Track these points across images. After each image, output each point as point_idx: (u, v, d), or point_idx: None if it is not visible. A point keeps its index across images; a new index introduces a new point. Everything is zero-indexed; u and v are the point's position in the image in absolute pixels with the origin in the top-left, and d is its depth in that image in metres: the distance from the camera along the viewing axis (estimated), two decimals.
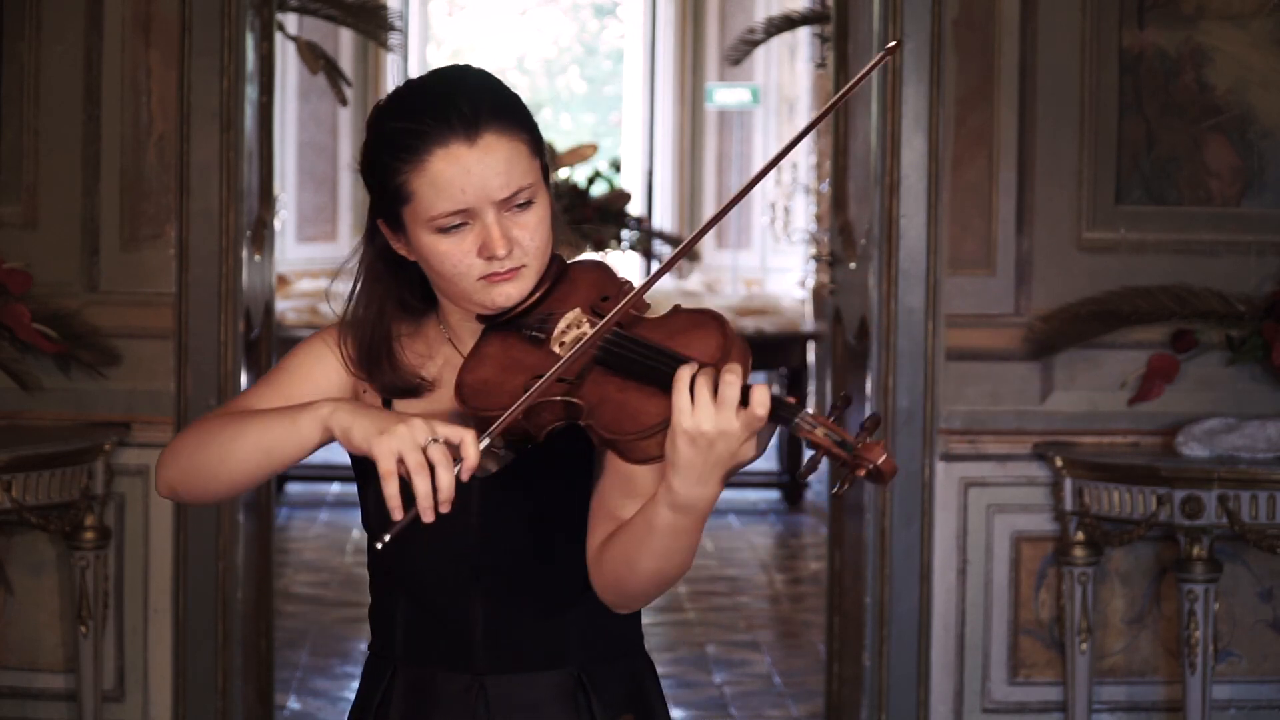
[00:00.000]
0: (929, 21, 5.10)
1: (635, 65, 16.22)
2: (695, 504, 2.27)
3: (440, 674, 2.51)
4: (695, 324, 2.33)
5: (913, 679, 5.18)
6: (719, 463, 2.24)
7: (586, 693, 2.51)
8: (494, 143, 2.39)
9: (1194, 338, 5.12)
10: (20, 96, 5.10)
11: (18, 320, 5.02)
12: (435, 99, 2.41)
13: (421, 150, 2.38)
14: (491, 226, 2.39)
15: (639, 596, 2.41)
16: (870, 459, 2.18)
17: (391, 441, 2.25)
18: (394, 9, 11.81)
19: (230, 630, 5.20)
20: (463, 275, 2.41)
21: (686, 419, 2.21)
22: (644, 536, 2.33)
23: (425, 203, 2.39)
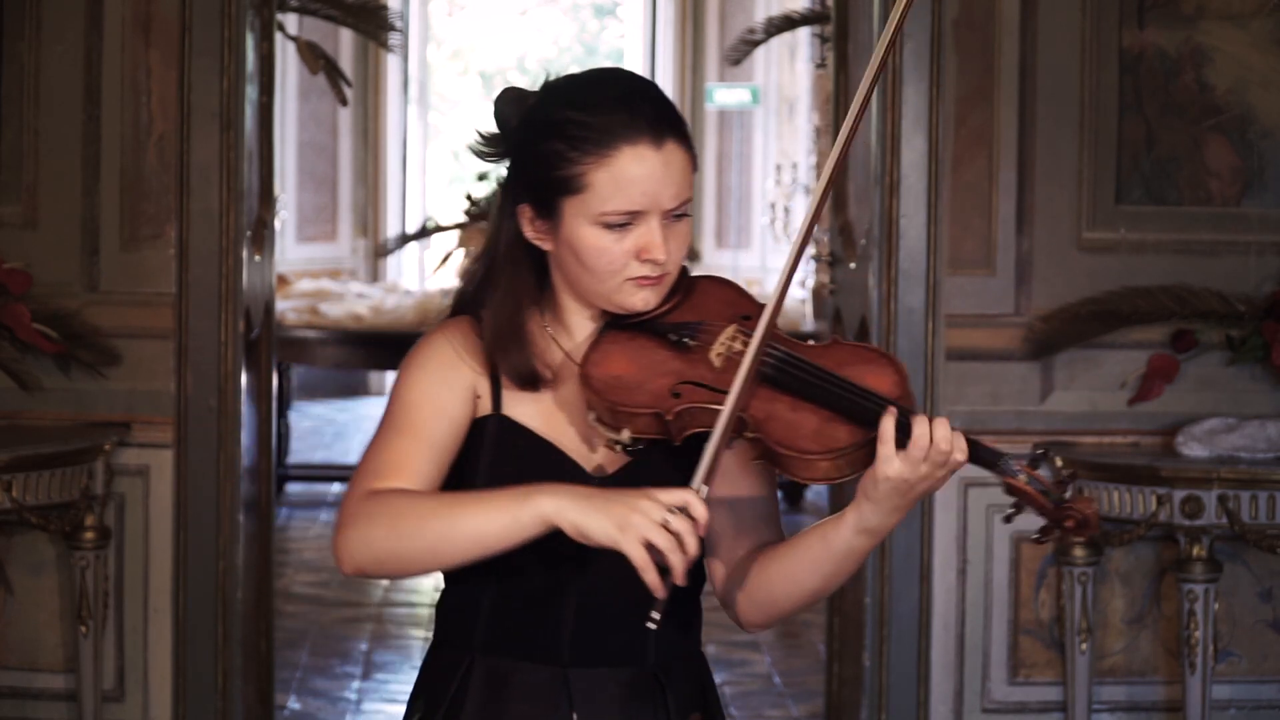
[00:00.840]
0: (929, 21, 5.10)
1: (635, 65, 16.22)
2: (883, 531, 2.42)
3: (523, 666, 2.53)
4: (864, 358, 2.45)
5: (913, 679, 5.18)
6: (914, 497, 2.39)
7: (663, 690, 2.56)
8: (674, 151, 2.45)
9: (1194, 338, 5.12)
10: (20, 96, 5.09)
11: (18, 320, 5.02)
12: (623, 97, 2.45)
13: (609, 145, 2.42)
14: (655, 231, 2.44)
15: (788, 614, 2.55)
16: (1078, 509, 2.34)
17: (636, 533, 2.29)
18: (394, 9, 11.82)
19: (230, 630, 5.20)
20: (614, 273, 2.45)
21: (893, 466, 2.36)
22: (818, 558, 2.45)
23: (601, 197, 2.42)
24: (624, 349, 2.46)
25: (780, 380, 2.40)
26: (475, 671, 2.54)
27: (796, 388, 2.39)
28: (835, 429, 2.37)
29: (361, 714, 6.26)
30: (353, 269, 13.28)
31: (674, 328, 2.47)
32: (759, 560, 2.50)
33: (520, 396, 2.51)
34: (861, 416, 2.37)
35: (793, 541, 2.48)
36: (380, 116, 13.75)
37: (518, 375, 2.49)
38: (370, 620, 7.40)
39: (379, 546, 2.39)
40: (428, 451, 2.46)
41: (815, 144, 12.46)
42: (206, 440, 5.14)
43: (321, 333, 9.79)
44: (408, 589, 7.94)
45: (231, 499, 5.18)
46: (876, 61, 2.51)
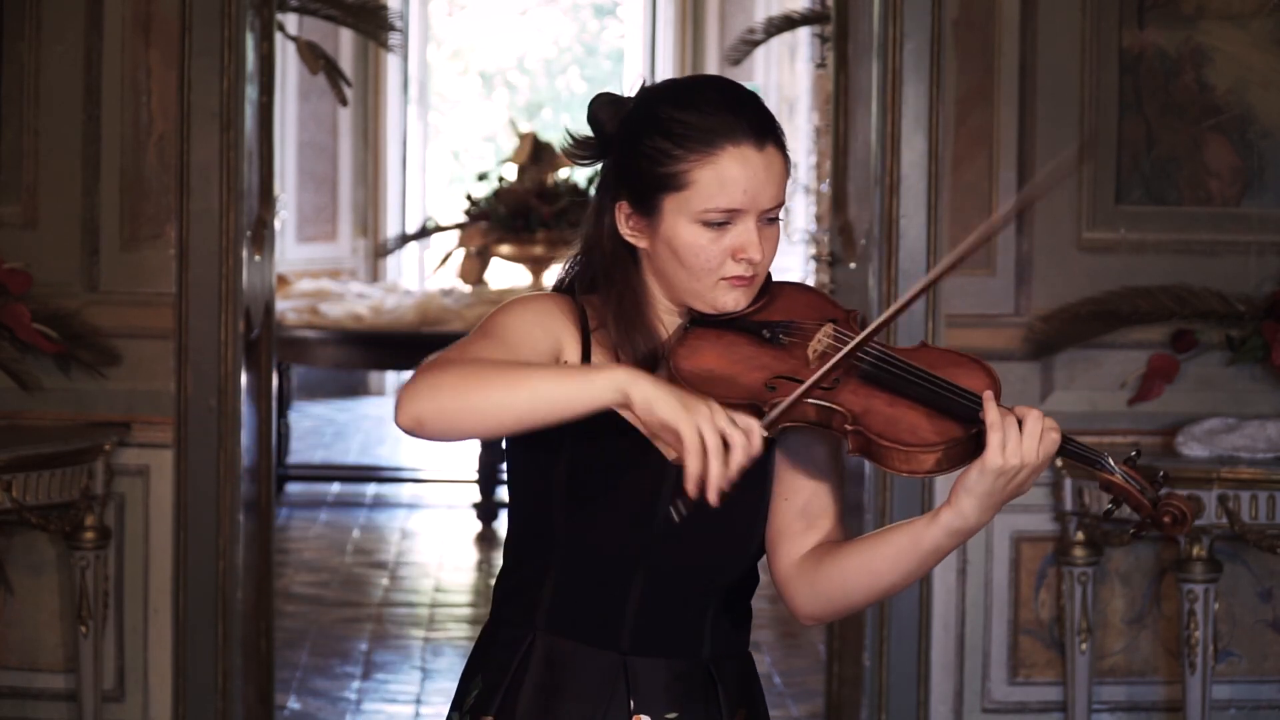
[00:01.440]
0: (929, 21, 5.10)
1: (635, 65, 16.21)
2: (974, 529, 2.48)
3: (582, 649, 2.56)
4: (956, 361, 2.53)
5: (913, 679, 5.18)
6: (1010, 491, 2.46)
7: (715, 684, 2.59)
8: (775, 155, 2.51)
9: (1194, 338, 5.12)
10: (20, 96, 5.10)
11: (18, 320, 5.02)
12: (727, 100, 2.51)
13: (715, 144, 2.47)
14: (752, 231, 2.49)
15: (853, 608, 2.57)
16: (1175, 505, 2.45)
17: (698, 420, 2.30)
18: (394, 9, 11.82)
19: (230, 630, 5.20)
20: (709, 271, 2.50)
21: (998, 455, 2.43)
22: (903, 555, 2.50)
23: (704, 194, 2.47)
24: (713, 345, 2.52)
25: (877, 376, 2.48)
26: (536, 648, 2.57)
27: (893, 384, 2.47)
28: (934, 423, 2.45)
29: (361, 714, 6.26)
30: (353, 269, 13.28)
31: (765, 325, 2.53)
32: (833, 553, 2.54)
33: None
34: (959, 412, 2.46)
35: (875, 537, 2.53)
36: (380, 116, 13.75)
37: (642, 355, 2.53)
38: (370, 620, 7.40)
39: (446, 394, 2.36)
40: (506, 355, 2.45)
41: (815, 144, 12.47)
42: (206, 440, 5.14)
43: (321, 333, 9.78)
44: (409, 589, 7.94)
45: (231, 499, 5.18)
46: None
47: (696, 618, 2.58)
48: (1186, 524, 2.45)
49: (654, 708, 2.56)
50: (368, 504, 9.85)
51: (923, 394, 2.47)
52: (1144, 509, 2.48)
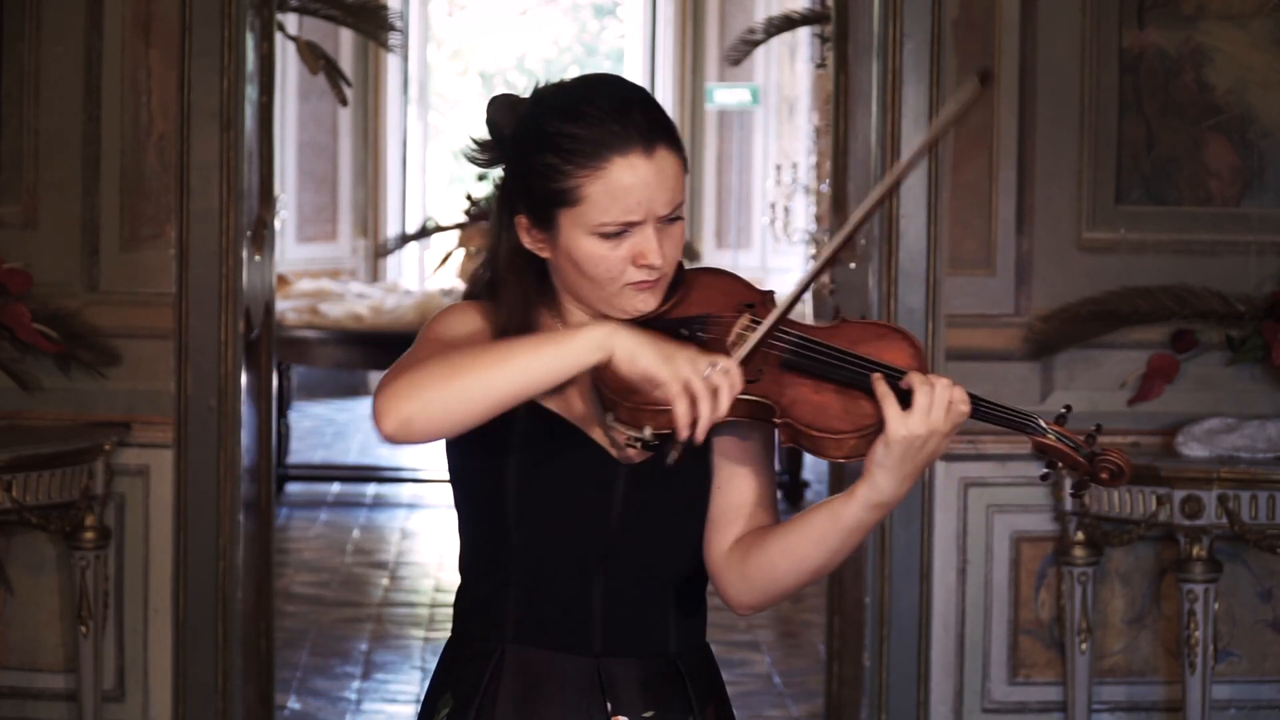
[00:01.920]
0: (929, 21, 5.10)
1: (635, 65, 16.21)
2: (892, 501, 2.44)
3: (554, 656, 2.55)
4: (878, 335, 2.49)
5: (913, 679, 5.18)
6: (923, 461, 2.42)
7: (683, 678, 2.59)
8: (666, 157, 2.48)
9: (1194, 338, 5.12)
10: (20, 96, 5.10)
11: (18, 320, 5.02)
12: (613, 108, 2.48)
13: (602, 157, 2.45)
14: (650, 238, 2.47)
15: (784, 593, 2.54)
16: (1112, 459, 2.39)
17: (681, 367, 2.33)
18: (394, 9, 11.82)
19: (230, 630, 5.20)
20: (612, 280, 2.48)
21: (900, 425, 2.39)
22: (825, 533, 2.46)
23: (597, 209, 2.45)
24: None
25: (798, 363, 2.45)
26: (508, 661, 2.56)
27: (815, 369, 2.45)
28: (861, 405, 2.42)
29: (361, 714, 6.26)
30: (353, 269, 13.29)
31: (682, 323, 2.51)
32: (759, 540, 2.52)
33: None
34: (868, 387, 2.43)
35: (796, 519, 2.50)
36: (380, 116, 13.75)
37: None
38: (370, 620, 7.40)
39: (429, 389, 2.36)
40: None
41: (815, 144, 12.46)
42: (206, 440, 5.14)
43: (321, 333, 9.79)
44: (409, 589, 7.94)
45: (231, 499, 5.18)
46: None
47: (661, 614, 2.58)
48: (1124, 477, 2.39)
49: (631, 708, 2.55)
50: (368, 504, 9.85)
51: (847, 376, 2.44)
52: (1081, 467, 2.42)
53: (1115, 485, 2.42)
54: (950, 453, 5.14)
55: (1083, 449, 2.40)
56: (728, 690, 2.68)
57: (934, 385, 2.40)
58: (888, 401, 2.39)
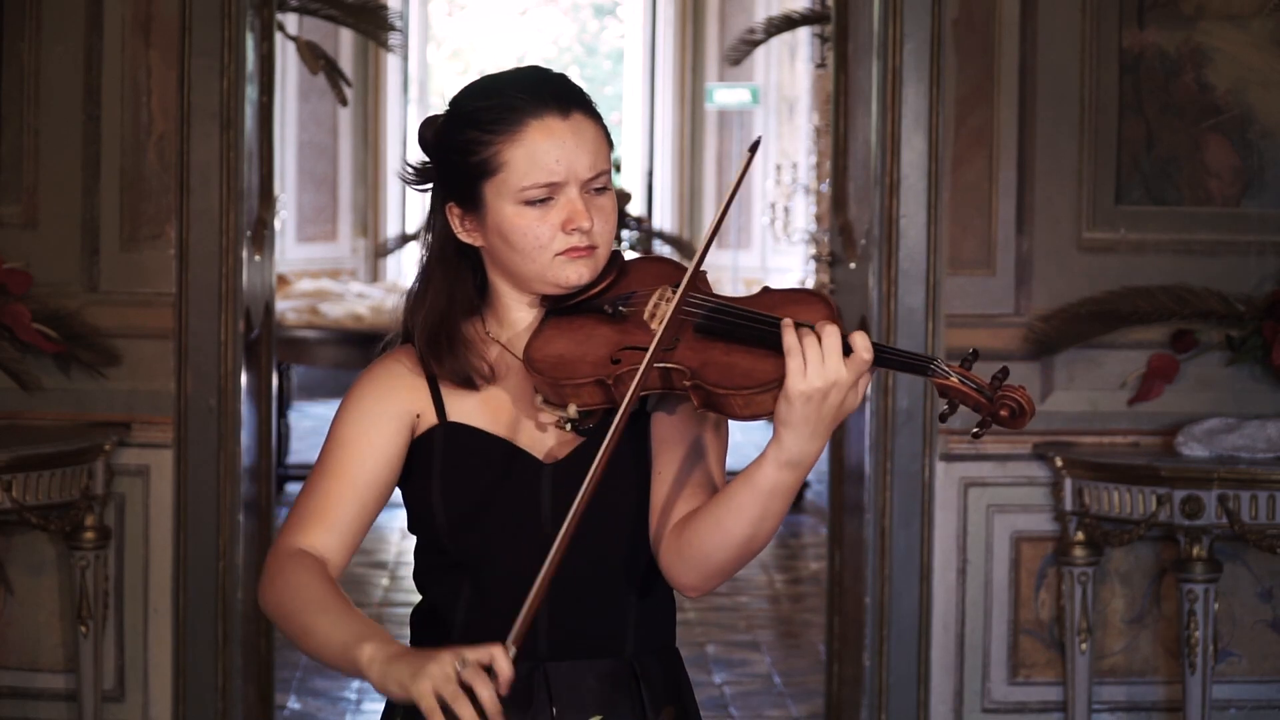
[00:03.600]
0: (929, 21, 5.10)
1: (635, 65, 16.22)
2: (804, 459, 2.37)
3: None
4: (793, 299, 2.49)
5: (913, 679, 5.18)
6: (829, 415, 2.36)
7: (638, 682, 2.58)
8: (583, 121, 2.51)
9: (1194, 338, 5.12)
10: (20, 96, 5.10)
11: (18, 320, 5.02)
12: (525, 80, 2.53)
13: (517, 122, 2.49)
14: (576, 200, 2.49)
15: (722, 569, 2.47)
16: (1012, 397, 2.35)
17: (426, 682, 2.30)
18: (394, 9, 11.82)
19: (230, 630, 5.20)
20: (543, 248, 2.49)
21: (799, 378, 2.34)
22: (744, 500, 2.41)
23: (518, 173, 2.48)
24: (564, 330, 2.51)
25: (710, 327, 2.46)
26: None
27: (727, 332, 2.45)
28: (768, 364, 2.41)
29: (361, 714, 6.26)
30: (353, 269, 13.29)
31: (609, 301, 2.53)
32: (691, 516, 2.49)
33: (464, 399, 2.55)
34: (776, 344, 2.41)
35: (722, 492, 2.47)
36: (380, 116, 13.76)
37: (454, 375, 2.54)
38: None
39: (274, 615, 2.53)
40: (352, 494, 2.54)
41: (815, 144, 12.46)
42: (206, 440, 5.15)
43: (321, 333, 9.78)
44: (408, 589, 7.94)
45: (231, 499, 5.18)
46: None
47: (615, 615, 2.56)
48: (1025, 415, 2.34)
49: (576, 712, 2.54)
50: None
51: (755, 336, 2.43)
52: (983, 407, 2.37)
53: (1017, 425, 2.36)
54: (950, 453, 5.14)
55: (985, 390, 2.36)
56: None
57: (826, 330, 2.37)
58: (791, 354, 2.35)
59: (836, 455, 5.85)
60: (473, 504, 2.53)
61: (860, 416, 5.40)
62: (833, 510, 5.88)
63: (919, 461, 5.15)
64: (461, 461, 2.53)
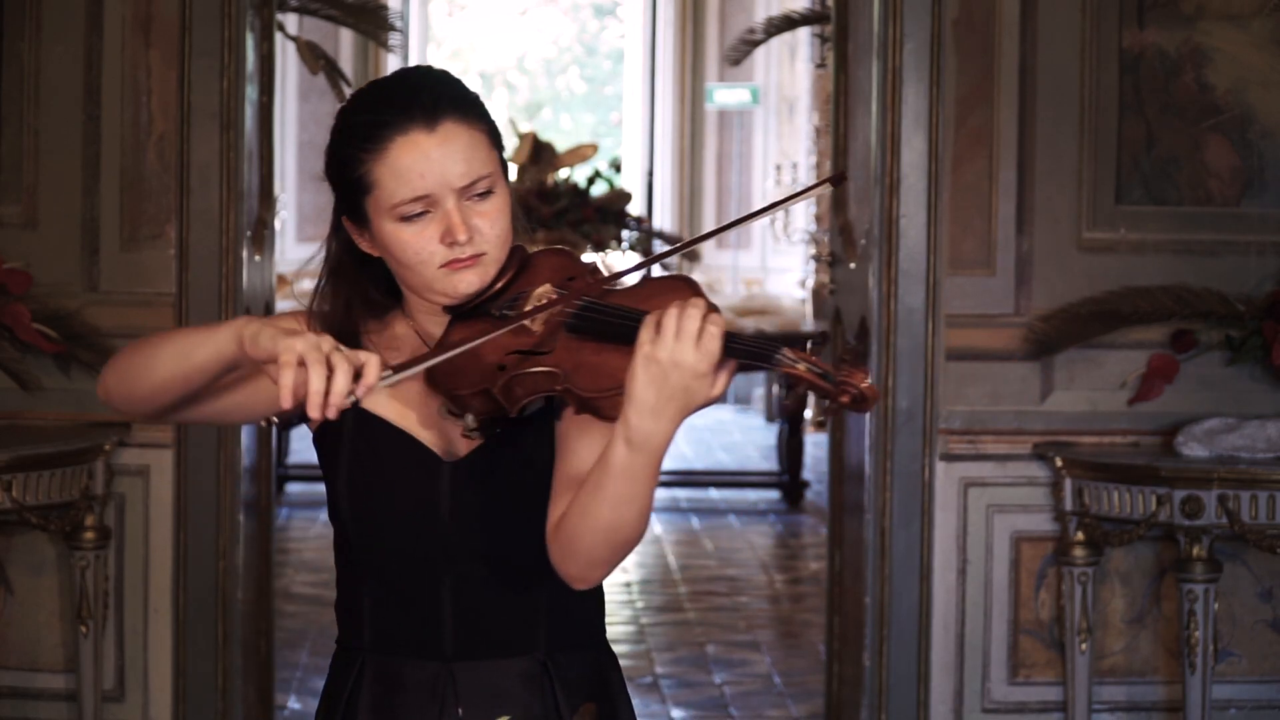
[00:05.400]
0: (929, 21, 5.10)
1: (635, 65, 16.22)
2: (648, 439, 2.31)
3: (408, 663, 2.54)
4: (666, 288, 2.42)
5: (913, 679, 5.18)
6: (673, 396, 2.28)
7: (551, 679, 2.55)
8: (453, 131, 2.45)
9: (1194, 338, 5.12)
10: (20, 96, 5.10)
11: (18, 320, 5.03)
12: (396, 92, 2.48)
13: (383, 139, 2.44)
14: (452, 213, 2.44)
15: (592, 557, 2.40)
16: (853, 384, 2.26)
17: (297, 341, 2.29)
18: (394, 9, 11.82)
19: (230, 630, 5.20)
20: (425, 263, 2.46)
21: (645, 347, 2.28)
22: (600, 481, 2.35)
23: (387, 190, 2.45)
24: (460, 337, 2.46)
25: (580, 327, 2.40)
26: (367, 671, 2.58)
27: (596, 330, 2.39)
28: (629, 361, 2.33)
29: None
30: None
31: (498, 305, 2.48)
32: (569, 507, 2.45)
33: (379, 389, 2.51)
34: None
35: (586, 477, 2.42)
36: None
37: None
38: None
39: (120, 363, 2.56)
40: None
41: (815, 144, 12.46)
42: (206, 440, 5.15)
43: None
44: None
45: (231, 499, 5.18)
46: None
47: (525, 613, 2.53)
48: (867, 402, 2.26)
49: (481, 712, 2.52)
50: None
51: (621, 333, 2.36)
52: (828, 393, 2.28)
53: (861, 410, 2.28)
54: (950, 453, 5.14)
55: (830, 375, 2.28)
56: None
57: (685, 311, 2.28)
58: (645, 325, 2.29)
59: (837, 455, 5.85)
60: (375, 496, 2.52)
61: (860, 416, 5.41)
62: (833, 510, 5.89)
63: (919, 461, 5.15)
64: (368, 452, 2.52)
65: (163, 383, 2.48)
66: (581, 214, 11.11)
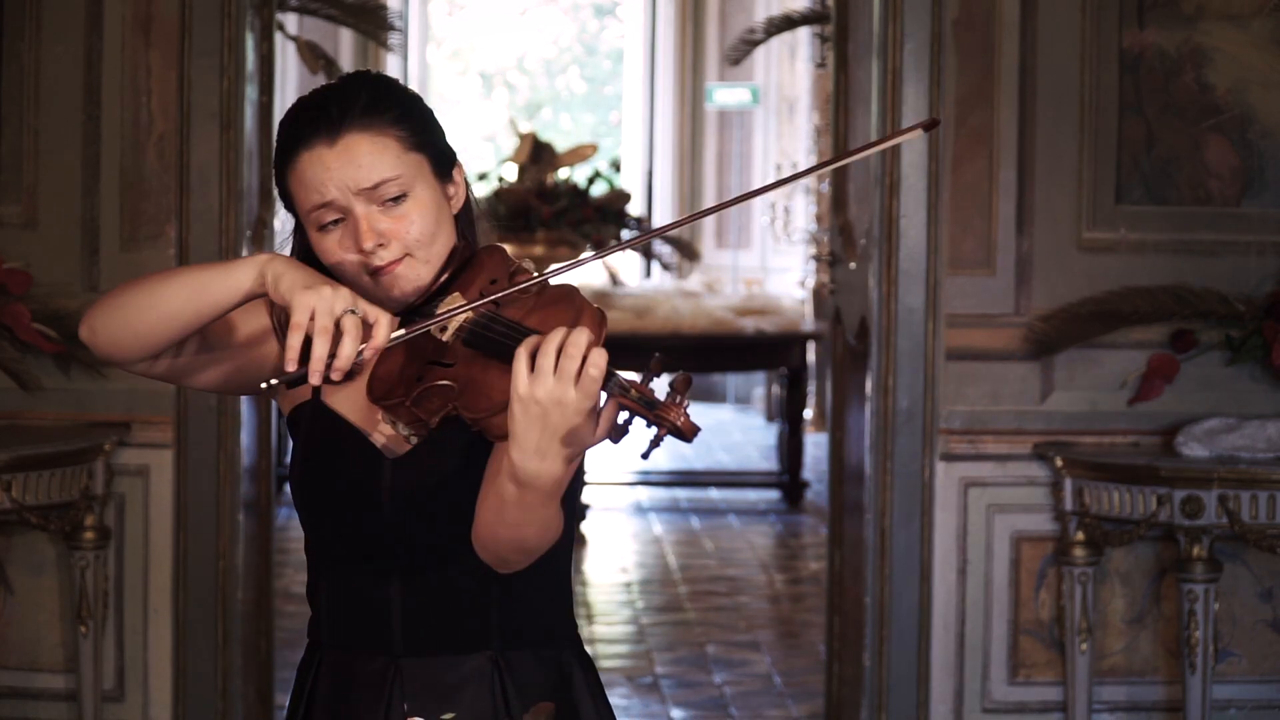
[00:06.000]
0: (929, 21, 5.10)
1: (635, 65, 16.22)
2: (534, 479, 2.28)
3: (360, 657, 2.55)
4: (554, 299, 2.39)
5: (913, 679, 5.18)
6: (555, 435, 2.24)
7: (503, 677, 2.54)
8: (355, 140, 2.47)
9: (1194, 338, 5.12)
10: (20, 96, 5.10)
11: (18, 320, 5.03)
12: (311, 107, 2.52)
13: (293, 154, 2.50)
14: (360, 220, 2.45)
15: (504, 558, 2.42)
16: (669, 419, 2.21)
17: (312, 298, 2.31)
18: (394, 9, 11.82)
19: (230, 630, 5.20)
20: (344, 270, 2.47)
21: (522, 386, 2.23)
22: (498, 507, 2.36)
23: (300, 201, 2.49)
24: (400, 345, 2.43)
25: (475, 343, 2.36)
26: (323, 666, 2.59)
27: (486, 347, 2.35)
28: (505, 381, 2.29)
29: None
30: None
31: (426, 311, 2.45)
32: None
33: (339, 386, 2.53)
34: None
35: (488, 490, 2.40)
36: None
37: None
38: None
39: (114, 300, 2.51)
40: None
41: (815, 144, 12.46)
42: (206, 440, 5.15)
43: None
44: None
45: (231, 499, 5.18)
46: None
47: (475, 610, 2.53)
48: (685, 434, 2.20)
49: (427, 708, 2.51)
50: None
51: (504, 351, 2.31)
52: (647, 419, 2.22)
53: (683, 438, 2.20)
54: (950, 453, 5.14)
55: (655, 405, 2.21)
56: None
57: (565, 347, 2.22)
58: (516, 361, 2.24)
59: (837, 455, 5.85)
60: (322, 488, 2.53)
61: (860, 416, 5.41)
62: (833, 510, 5.89)
63: (919, 461, 5.15)
64: (319, 443, 2.54)
65: (167, 317, 2.46)
66: (581, 214, 11.11)
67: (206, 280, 2.43)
